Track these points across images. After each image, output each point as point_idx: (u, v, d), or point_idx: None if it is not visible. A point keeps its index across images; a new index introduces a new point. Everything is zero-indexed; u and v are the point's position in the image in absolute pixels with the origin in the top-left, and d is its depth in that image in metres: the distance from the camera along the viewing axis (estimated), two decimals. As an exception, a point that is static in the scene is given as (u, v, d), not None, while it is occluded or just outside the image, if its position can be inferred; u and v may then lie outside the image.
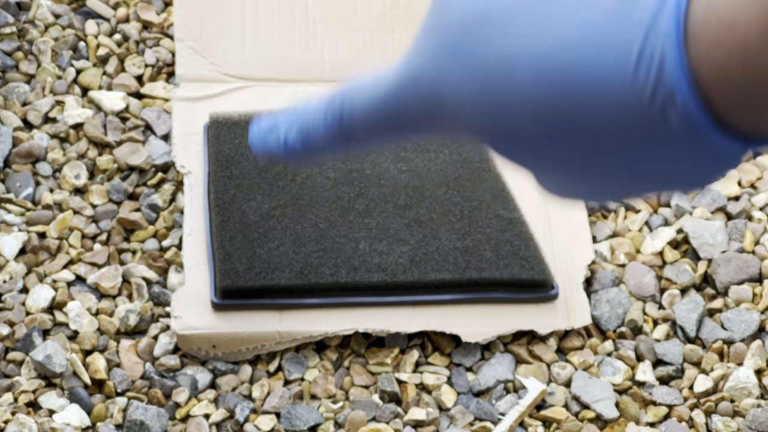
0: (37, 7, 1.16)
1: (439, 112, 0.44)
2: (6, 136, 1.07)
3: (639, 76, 0.38)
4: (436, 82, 0.44)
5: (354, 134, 0.48)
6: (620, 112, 0.39)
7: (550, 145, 0.41)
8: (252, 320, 0.96)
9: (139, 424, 0.92)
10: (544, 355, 0.98)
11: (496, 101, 0.41)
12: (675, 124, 0.38)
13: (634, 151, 0.40)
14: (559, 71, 0.40)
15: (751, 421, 0.94)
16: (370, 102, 0.46)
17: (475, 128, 0.43)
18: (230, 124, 1.06)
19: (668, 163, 0.40)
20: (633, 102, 0.38)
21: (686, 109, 0.37)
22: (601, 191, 0.44)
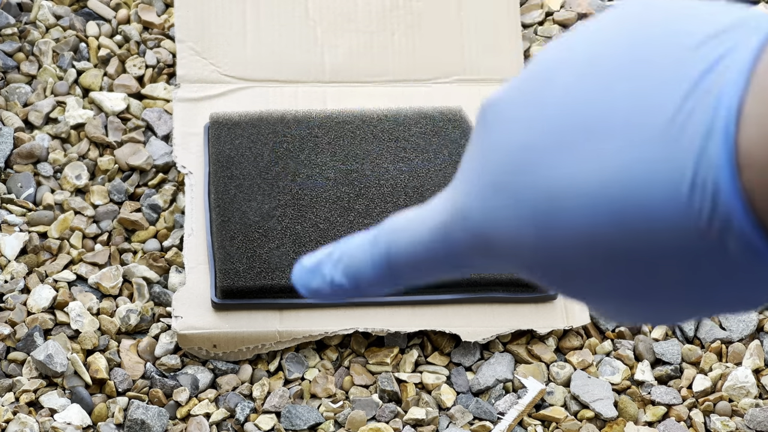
0: (38, 8, 1.16)
1: (490, 249, 0.43)
2: (7, 136, 1.08)
3: (693, 206, 0.37)
4: (484, 221, 0.43)
5: (402, 273, 0.47)
6: (676, 241, 0.38)
7: (606, 277, 0.41)
8: (252, 320, 0.96)
9: (140, 424, 0.92)
10: (543, 355, 0.98)
11: (547, 238, 0.41)
12: (733, 250, 0.38)
13: (693, 277, 0.39)
14: (609, 204, 0.39)
15: (750, 421, 0.95)
16: (416, 242, 0.46)
17: (528, 264, 0.43)
18: (231, 125, 1.06)
19: (727, 286, 0.40)
20: (688, 231, 0.38)
21: (744, 235, 0.37)
22: (660, 316, 0.43)
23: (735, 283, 0.39)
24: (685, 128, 0.37)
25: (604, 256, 0.40)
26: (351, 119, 1.08)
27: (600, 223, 0.39)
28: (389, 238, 0.46)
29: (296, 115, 1.08)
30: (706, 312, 0.42)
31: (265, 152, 1.04)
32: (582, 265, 0.41)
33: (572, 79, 0.40)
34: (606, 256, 0.40)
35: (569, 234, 0.40)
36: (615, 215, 0.39)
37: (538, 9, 1.20)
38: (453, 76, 1.14)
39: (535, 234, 0.41)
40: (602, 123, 0.39)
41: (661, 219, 0.38)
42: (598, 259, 0.40)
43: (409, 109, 1.09)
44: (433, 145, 1.06)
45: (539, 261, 0.42)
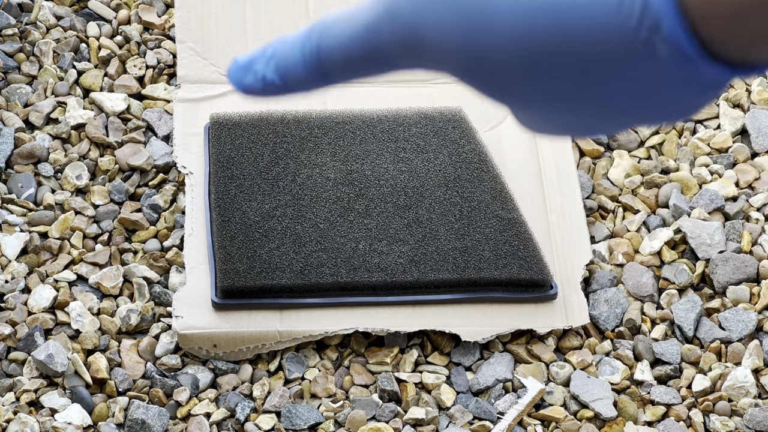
0: (38, 9, 1.17)
1: (418, 47, 0.43)
2: (8, 137, 1.08)
3: (624, 6, 0.37)
4: (414, 16, 0.42)
5: (332, 70, 0.47)
6: (605, 43, 0.38)
7: (533, 80, 0.40)
8: (252, 320, 0.96)
9: (140, 424, 0.92)
10: (542, 355, 0.98)
11: (477, 36, 0.41)
12: (662, 53, 0.38)
13: (620, 82, 0.39)
14: (541, 4, 0.39)
15: (749, 420, 0.95)
16: (347, 37, 0.45)
17: (455, 64, 0.43)
18: (231, 125, 1.07)
19: (654, 92, 0.39)
20: (618, 32, 0.38)
21: (673, 37, 0.37)
22: (585, 124, 0.43)
23: (664, 89, 0.39)
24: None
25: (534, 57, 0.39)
26: (351, 119, 1.08)
27: (531, 25, 0.39)
28: (320, 35, 0.46)
29: (296, 115, 1.08)
30: (634, 119, 0.42)
31: (265, 152, 1.04)
32: (511, 65, 0.40)
33: None
34: (536, 58, 0.39)
35: (500, 34, 0.40)
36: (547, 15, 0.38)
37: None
38: (453, 76, 1.14)
39: (465, 31, 0.40)
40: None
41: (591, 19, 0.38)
42: (527, 60, 0.40)
43: (409, 110, 1.09)
44: (433, 145, 1.06)
45: (467, 60, 0.42)
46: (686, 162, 1.10)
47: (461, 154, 1.06)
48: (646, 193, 1.08)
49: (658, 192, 1.08)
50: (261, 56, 0.48)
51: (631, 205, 1.07)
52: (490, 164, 1.05)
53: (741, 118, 1.12)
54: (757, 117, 1.12)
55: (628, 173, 1.09)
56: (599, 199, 1.07)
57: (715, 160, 1.10)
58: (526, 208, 1.03)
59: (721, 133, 1.12)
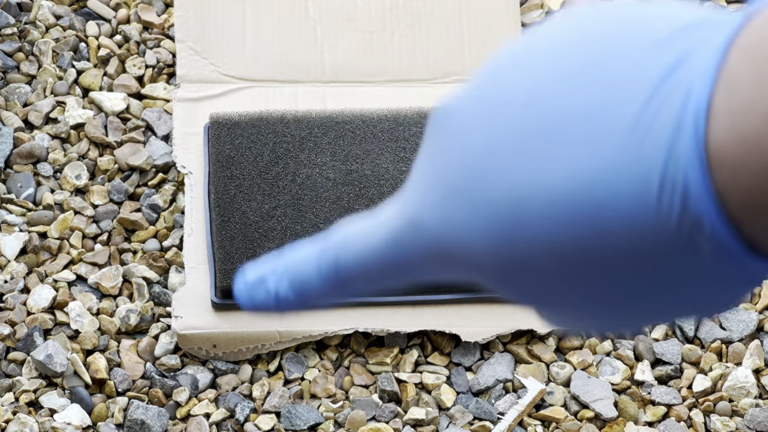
0: (38, 8, 1.16)
1: (444, 259, 0.41)
2: (7, 136, 1.08)
3: (662, 206, 0.36)
4: (440, 228, 0.40)
5: (351, 284, 0.44)
6: (644, 243, 0.37)
7: (566, 284, 0.39)
8: (252, 320, 0.96)
9: (140, 424, 0.92)
10: (543, 355, 0.98)
11: (508, 245, 0.39)
12: (705, 251, 0.36)
13: (664, 279, 0.38)
14: (574, 207, 0.37)
15: (750, 421, 0.95)
16: (367, 252, 0.43)
17: (485, 274, 0.41)
18: (231, 125, 1.06)
19: (696, 288, 0.38)
20: (658, 233, 0.36)
21: (716, 235, 0.36)
22: (618, 323, 0.42)
23: (708, 285, 0.38)
24: (651, 126, 0.36)
25: (569, 261, 0.38)
26: (351, 119, 1.08)
27: (565, 228, 0.37)
28: (338, 250, 0.44)
29: (296, 115, 1.08)
30: (679, 314, 0.41)
31: (265, 152, 1.04)
32: (545, 271, 0.39)
33: (530, 81, 0.38)
34: (571, 262, 0.38)
35: (532, 240, 0.38)
36: (581, 219, 0.37)
37: (538, 9, 1.20)
38: (453, 76, 1.14)
39: (494, 242, 0.39)
40: (564, 125, 0.37)
41: (630, 221, 0.36)
42: (562, 265, 0.38)
43: (409, 109, 1.09)
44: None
45: (499, 268, 0.40)
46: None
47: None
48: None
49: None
50: (272, 272, 0.46)
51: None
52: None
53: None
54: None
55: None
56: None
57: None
58: (526, 208, 1.03)
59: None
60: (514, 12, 1.18)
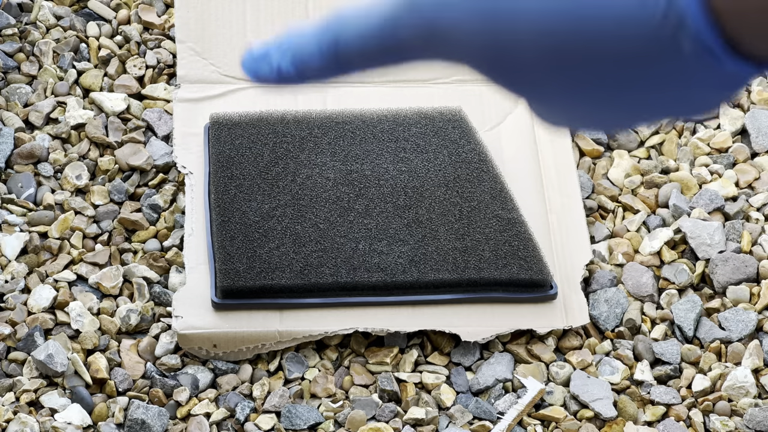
0: (38, 9, 1.17)
1: (439, 40, 0.43)
2: (8, 136, 1.08)
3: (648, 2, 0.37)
4: (436, 10, 0.42)
5: (349, 61, 0.46)
6: (629, 38, 0.38)
7: (555, 72, 0.40)
8: (252, 320, 0.96)
9: (140, 424, 0.92)
10: (542, 355, 0.98)
11: (501, 30, 0.40)
12: (686, 49, 0.37)
13: (642, 77, 0.39)
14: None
15: (749, 420, 0.95)
16: (365, 30, 0.45)
17: (476, 57, 0.42)
18: (231, 125, 1.07)
19: (676, 87, 0.39)
20: (642, 27, 0.37)
21: (698, 33, 0.36)
22: (603, 118, 0.43)
23: (687, 85, 0.38)
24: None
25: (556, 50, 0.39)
26: (351, 119, 1.08)
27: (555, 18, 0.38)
28: (339, 26, 0.46)
29: (296, 116, 1.08)
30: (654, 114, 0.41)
31: (265, 152, 1.04)
32: (533, 59, 0.40)
33: None
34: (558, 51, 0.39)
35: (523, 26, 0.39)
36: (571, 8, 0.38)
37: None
38: (453, 76, 1.14)
39: (488, 24, 0.40)
40: None
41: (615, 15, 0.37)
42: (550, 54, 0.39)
43: (408, 110, 1.09)
44: (433, 145, 1.06)
45: (488, 53, 0.41)
46: (686, 162, 1.10)
47: (461, 154, 1.06)
48: (645, 193, 1.08)
49: (657, 192, 1.08)
50: (276, 47, 0.48)
51: (631, 205, 1.07)
52: (490, 164, 1.05)
53: (741, 118, 1.12)
54: (757, 117, 1.12)
55: (628, 173, 1.09)
56: (599, 199, 1.07)
57: (715, 160, 1.10)
58: (526, 208, 1.03)
59: (721, 133, 1.12)
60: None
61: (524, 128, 1.10)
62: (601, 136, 1.11)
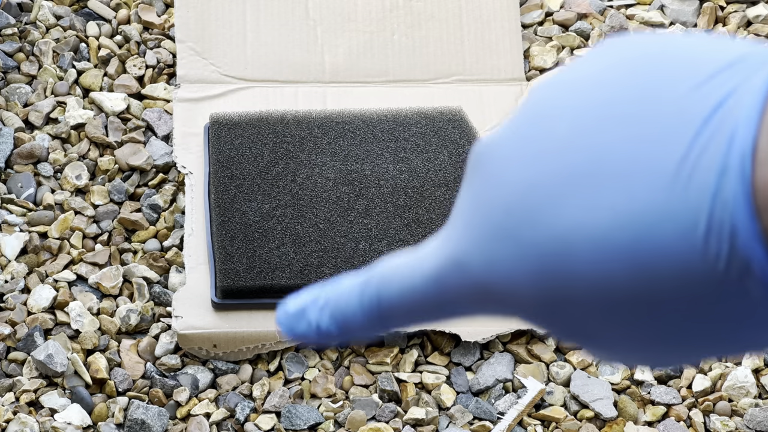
0: (38, 9, 1.17)
1: (488, 299, 0.41)
2: (7, 136, 1.08)
3: (709, 250, 0.36)
4: (483, 269, 0.40)
5: (392, 319, 0.45)
6: (691, 286, 0.37)
7: (614, 324, 0.39)
8: (252, 320, 0.96)
9: (140, 424, 0.92)
10: (543, 355, 0.98)
11: (552, 284, 0.39)
12: (754, 295, 0.36)
13: (709, 322, 0.38)
14: (620, 249, 0.37)
15: (749, 420, 0.95)
16: (409, 288, 0.43)
17: (528, 313, 0.41)
18: (231, 125, 1.06)
19: (748, 328, 0.38)
20: (705, 276, 0.36)
21: (765, 279, 0.35)
22: (664, 360, 0.41)
23: (757, 325, 0.37)
24: (696, 168, 0.35)
25: (614, 303, 0.38)
26: (351, 119, 1.08)
27: (611, 269, 0.37)
28: (380, 284, 0.44)
29: (296, 115, 1.08)
30: (725, 353, 0.40)
31: (265, 152, 1.04)
32: (590, 311, 0.39)
33: (572, 123, 0.38)
34: (617, 303, 0.38)
35: (577, 280, 0.38)
36: (627, 261, 0.37)
37: (538, 9, 1.20)
38: (453, 76, 1.14)
39: (540, 282, 0.39)
40: (608, 168, 0.37)
41: (676, 264, 0.36)
42: (607, 306, 0.38)
43: (409, 109, 1.09)
44: (433, 145, 1.06)
45: (543, 308, 0.40)
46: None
47: (461, 154, 1.06)
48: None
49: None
50: (313, 304, 0.46)
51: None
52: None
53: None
54: None
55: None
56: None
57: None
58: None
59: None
60: (514, 12, 1.18)
61: (524, 128, 1.10)
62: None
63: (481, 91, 1.12)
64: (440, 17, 1.17)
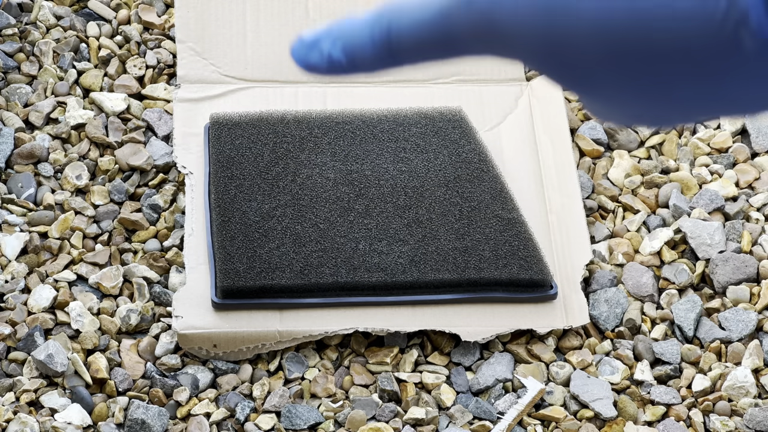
0: (38, 9, 1.17)
1: (493, 34, 0.42)
2: (8, 137, 1.08)
3: None
4: (491, 3, 0.41)
5: (401, 52, 0.45)
6: (688, 34, 0.37)
7: (612, 68, 0.40)
8: (252, 320, 0.96)
9: (140, 424, 0.92)
10: (542, 355, 0.98)
11: (556, 23, 0.39)
12: (748, 46, 0.36)
13: (701, 74, 0.38)
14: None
15: (749, 420, 0.95)
16: (419, 21, 0.44)
17: (531, 52, 0.41)
18: (231, 125, 1.07)
19: (735, 86, 0.38)
20: (703, 24, 0.37)
21: (761, 28, 0.36)
22: (659, 115, 0.42)
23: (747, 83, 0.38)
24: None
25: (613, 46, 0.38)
26: (351, 119, 1.08)
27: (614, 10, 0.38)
28: (392, 15, 0.45)
29: (296, 116, 1.08)
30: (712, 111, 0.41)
31: (265, 152, 1.05)
32: (589, 54, 0.39)
33: None
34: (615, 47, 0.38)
35: (580, 21, 0.39)
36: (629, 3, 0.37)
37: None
38: (453, 76, 1.14)
39: (544, 18, 0.39)
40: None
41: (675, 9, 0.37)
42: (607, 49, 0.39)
43: (409, 109, 1.09)
44: (433, 145, 1.06)
45: (544, 48, 0.40)
46: (686, 162, 1.10)
47: (461, 154, 1.06)
48: (646, 193, 1.08)
49: (658, 192, 1.08)
50: (327, 35, 0.47)
51: (631, 205, 1.07)
52: (490, 164, 1.05)
53: (741, 118, 1.12)
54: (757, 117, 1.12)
55: (628, 173, 1.09)
56: (599, 199, 1.07)
57: (715, 160, 1.10)
58: (526, 208, 1.03)
59: (721, 133, 1.12)
60: (514, 12, 1.18)
61: (524, 128, 1.10)
62: (600, 136, 1.11)
63: (481, 91, 1.13)
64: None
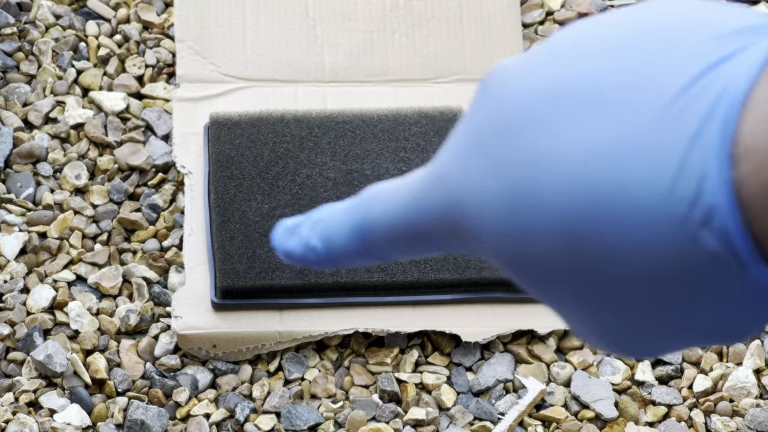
0: (37, 8, 1.16)
1: (461, 222, 0.39)
2: (7, 136, 1.07)
3: (675, 194, 0.34)
4: (459, 181, 0.39)
5: (375, 244, 0.43)
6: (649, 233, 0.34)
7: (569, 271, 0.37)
8: (252, 320, 0.96)
9: (140, 424, 0.92)
10: (543, 355, 0.98)
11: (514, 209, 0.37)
12: (710, 249, 0.33)
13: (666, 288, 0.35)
14: (587, 182, 0.35)
15: (750, 421, 0.95)
16: (392, 211, 0.42)
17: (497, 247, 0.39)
18: (230, 125, 1.06)
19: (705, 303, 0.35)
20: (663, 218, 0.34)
21: (724, 230, 0.33)
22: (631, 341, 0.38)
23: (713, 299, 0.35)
24: (685, 111, 0.34)
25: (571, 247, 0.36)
26: (351, 119, 1.08)
27: (573, 207, 0.35)
28: (367, 205, 0.43)
29: (296, 115, 1.08)
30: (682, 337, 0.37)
31: (265, 152, 1.04)
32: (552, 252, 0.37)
33: (581, 52, 0.37)
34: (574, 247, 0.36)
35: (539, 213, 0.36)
36: (592, 193, 0.35)
37: (538, 8, 1.20)
38: (453, 76, 1.14)
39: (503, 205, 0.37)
40: (602, 95, 0.36)
41: (638, 204, 0.34)
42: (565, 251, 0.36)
43: (409, 109, 1.09)
44: (433, 145, 1.06)
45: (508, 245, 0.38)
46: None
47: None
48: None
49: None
50: (307, 219, 0.45)
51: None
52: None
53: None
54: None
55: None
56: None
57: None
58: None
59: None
60: (515, 12, 1.18)
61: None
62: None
63: (482, 91, 1.12)
64: (441, 17, 1.16)
